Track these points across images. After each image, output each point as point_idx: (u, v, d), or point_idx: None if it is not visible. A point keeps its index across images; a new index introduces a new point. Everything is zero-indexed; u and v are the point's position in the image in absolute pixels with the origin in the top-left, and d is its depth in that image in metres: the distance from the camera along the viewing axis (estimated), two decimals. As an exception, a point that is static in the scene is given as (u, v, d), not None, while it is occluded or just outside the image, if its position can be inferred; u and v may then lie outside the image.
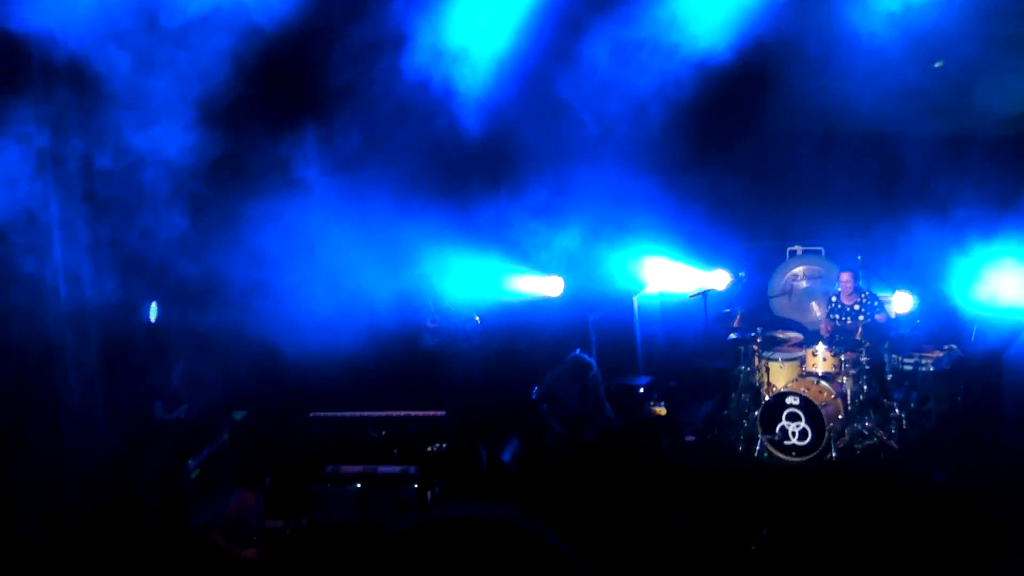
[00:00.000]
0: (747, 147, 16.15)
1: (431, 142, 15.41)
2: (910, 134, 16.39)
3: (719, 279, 16.63)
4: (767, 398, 14.25)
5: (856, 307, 15.10)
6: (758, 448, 14.19)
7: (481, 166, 16.37)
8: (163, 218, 13.69)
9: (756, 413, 14.32)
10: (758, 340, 15.01)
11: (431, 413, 13.95)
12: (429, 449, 13.70)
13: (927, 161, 15.99)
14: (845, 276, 15.16)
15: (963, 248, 15.34)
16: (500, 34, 14.83)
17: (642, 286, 17.11)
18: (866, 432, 14.23)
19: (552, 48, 15.03)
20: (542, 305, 16.63)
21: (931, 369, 14.77)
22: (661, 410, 14.97)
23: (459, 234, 16.03)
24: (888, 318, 15.17)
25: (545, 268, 16.65)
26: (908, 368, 14.83)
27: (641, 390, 15.59)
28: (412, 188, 15.72)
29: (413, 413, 14.00)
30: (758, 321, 15.45)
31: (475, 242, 16.18)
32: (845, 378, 14.36)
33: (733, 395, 15.27)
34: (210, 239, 14.55)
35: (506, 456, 14.13)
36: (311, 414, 14.23)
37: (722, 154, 15.90)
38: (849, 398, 14.28)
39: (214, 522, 11.94)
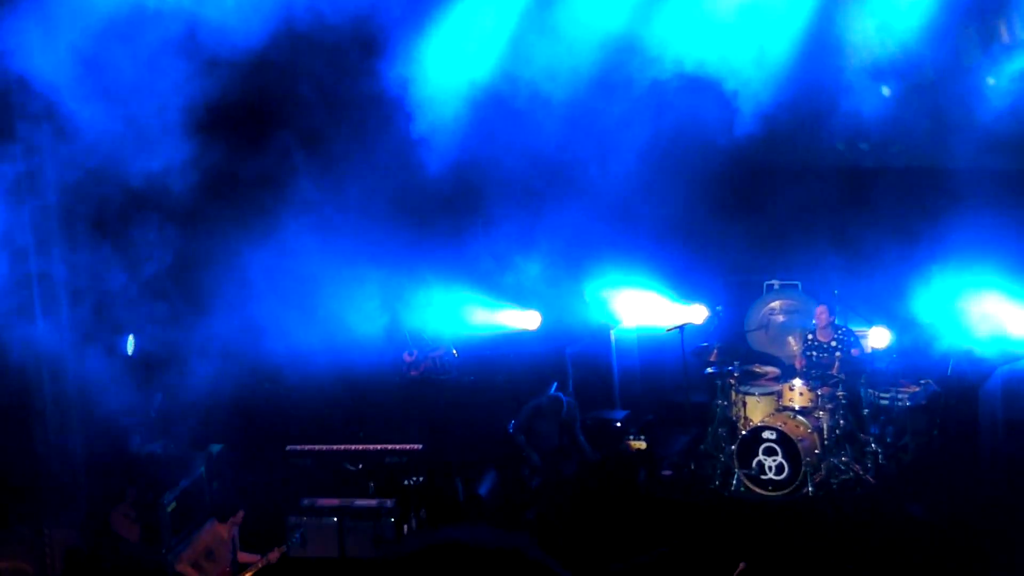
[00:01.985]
0: (724, 181, 16.25)
1: (408, 178, 15.57)
2: (887, 168, 16.64)
3: (696, 313, 16.62)
4: (744, 432, 14.35)
5: (832, 343, 15.16)
6: (735, 482, 14.32)
7: (460, 207, 16.46)
8: (144, 252, 13.85)
9: (733, 447, 14.42)
10: (735, 374, 15.11)
11: (408, 446, 14.12)
12: (406, 482, 13.83)
13: (903, 195, 16.21)
14: (820, 309, 15.24)
15: (940, 282, 15.51)
16: (478, 69, 15.03)
17: (619, 320, 17.13)
18: (842, 467, 14.34)
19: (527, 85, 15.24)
20: (519, 338, 16.64)
21: (907, 403, 14.88)
22: (641, 444, 14.98)
23: (437, 267, 16.12)
24: (864, 353, 15.28)
25: (522, 301, 16.67)
26: (884, 403, 14.92)
27: (618, 423, 15.64)
28: (390, 222, 15.81)
29: (390, 446, 14.16)
30: (735, 355, 15.54)
31: (452, 275, 16.24)
32: (821, 412, 14.47)
33: (710, 429, 15.32)
34: (189, 274, 14.83)
35: (483, 489, 14.29)
36: (287, 447, 14.38)
37: (699, 190, 15.99)
38: (825, 432, 14.38)
39: (184, 553, 12.01)
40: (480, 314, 16.62)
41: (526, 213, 16.14)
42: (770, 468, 14.08)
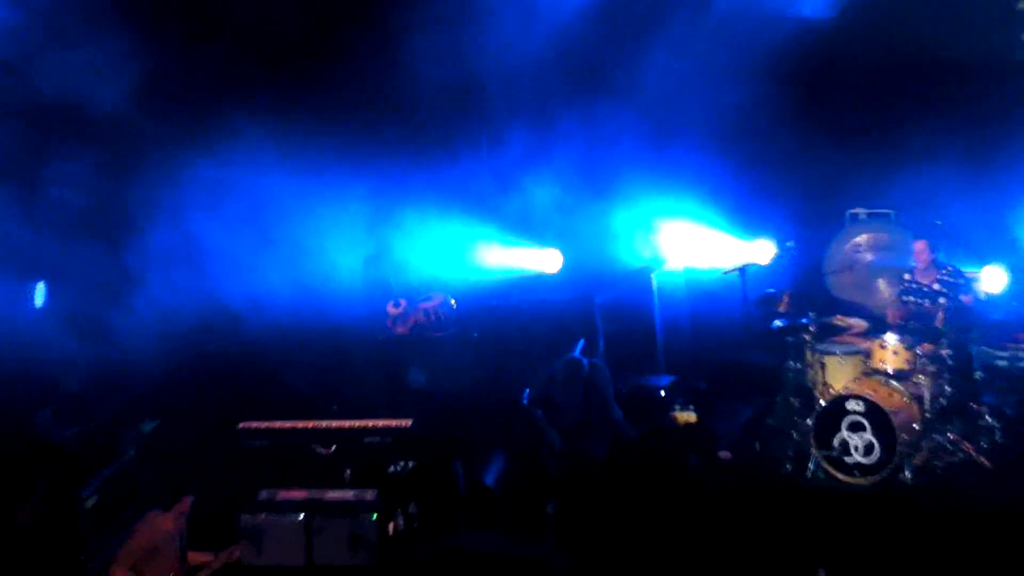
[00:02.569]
0: (794, 81, 16.13)
1: (393, 83, 15.64)
2: (1005, 64, 16.30)
3: (761, 251, 16.64)
4: (823, 403, 14.20)
5: (935, 286, 15.05)
6: (811, 466, 14.18)
7: (454, 113, 16.50)
8: (59, 177, 13.81)
9: (809, 422, 14.30)
10: (811, 328, 14.95)
11: (394, 423, 13.95)
12: (391, 469, 13.67)
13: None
14: (920, 246, 15.13)
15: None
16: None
17: (662, 260, 17.18)
18: (949, 446, 14.20)
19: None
20: (535, 284, 16.72)
21: (1032, 365, 14.80)
22: (689, 416, 14.85)
23: (429, 195, 16.10)
24: (977, 300, 15.11)
25: (539, 237, 16.72)
26: (1002, 364, 14.75)
27: (662, 393, 15.67)
28: (370, 139, 15.90)
29: (371, 423, 13.99)
30: (811, 304, 15.28)
31: (449, 205, 16.23)
32: (922, 377, 14.31)
33: (779, 399, 15.27)
34: (118, 205, 14.91)
35: (490, 477, 14.10)
36: (240, 424, 14.14)
37: (762, 90, 15.76)
38: (927, 402, 14.23)
39: (119, 554, 11.85)
40: (486, 253, 16.69)
41: (545, 126, 16.19)
42: (856, 448, 13.89)
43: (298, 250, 15.24)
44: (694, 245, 17.05)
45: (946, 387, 14.37)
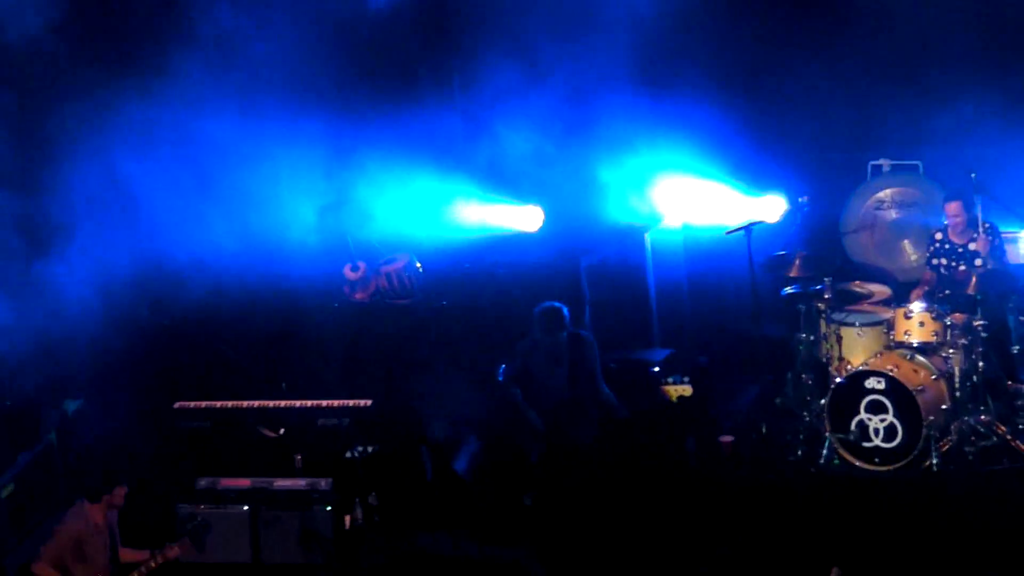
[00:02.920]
0: (809, 10, 16.13)
1: (346, 7, 15.57)
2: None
3: (769, 207, 16.55)
4: (839, 380, 14.24)
5: (970, 247, 14.97)
6: (825, 452, 14.21)
7: (421, 44, 16.44)
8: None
9: (823, 402, 14.33)
10: (826, 296, 14.97)
11: (351, 402, 14.08)
12: (349, 454, 13.79)
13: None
14: (953, 207, 15.02)
15: None
16: None
17: (657, 217, 17.13)
18: (982, 428, 14.18)
19: None
20: (512, 245, 16.64)
21: (1077, 337, 14.87)
22: (684, 389, 14.90)
23: (389, 142, 15.99)
24: (1016, 263, 15.15)
25: (517, 192, 16.65)
26: (1045, 336, 14.88)
27: (656, 368, 15.62)
28: (321, 79, 15.80)
29: (325, 403, 14.12)
30: (826, 268, 15.31)
31: (413, 153, 16.13)
32: (952, 351, 14.32)
33: (790, 376, 15.27)
34: (36, 149, 14.85)
35: (460, 464, 14.30)
36: (176, 403, 14.28)
37: (772, 22, 15.89)
38: (958, 380, 14.25)
39: (41, 551, 11.90)
40: (456, 209, 16.59)
41: (524, 63, 16.07)
42: (877, 431, 13.94)
43: (242, 201, 15.14)
44: (693, 200, 16.91)
45: (979, 362, 14.29)
